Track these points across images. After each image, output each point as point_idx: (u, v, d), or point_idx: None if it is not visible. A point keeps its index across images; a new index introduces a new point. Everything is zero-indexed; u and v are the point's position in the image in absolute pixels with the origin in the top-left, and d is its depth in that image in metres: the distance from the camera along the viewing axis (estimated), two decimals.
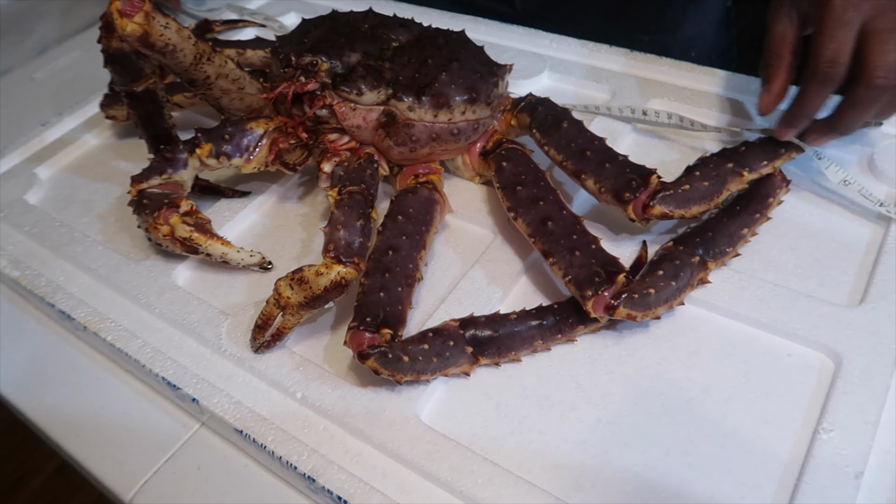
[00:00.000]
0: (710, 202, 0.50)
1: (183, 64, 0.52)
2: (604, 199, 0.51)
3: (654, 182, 0.49)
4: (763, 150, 0.53)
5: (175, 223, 0.52)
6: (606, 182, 0.50)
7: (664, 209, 0.48)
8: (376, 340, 0.43)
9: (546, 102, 0.57)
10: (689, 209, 0.49)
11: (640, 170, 0.50)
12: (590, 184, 0.51)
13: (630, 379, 0.45)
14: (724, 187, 0.50)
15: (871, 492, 0.39)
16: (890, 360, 0.43)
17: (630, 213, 0.49)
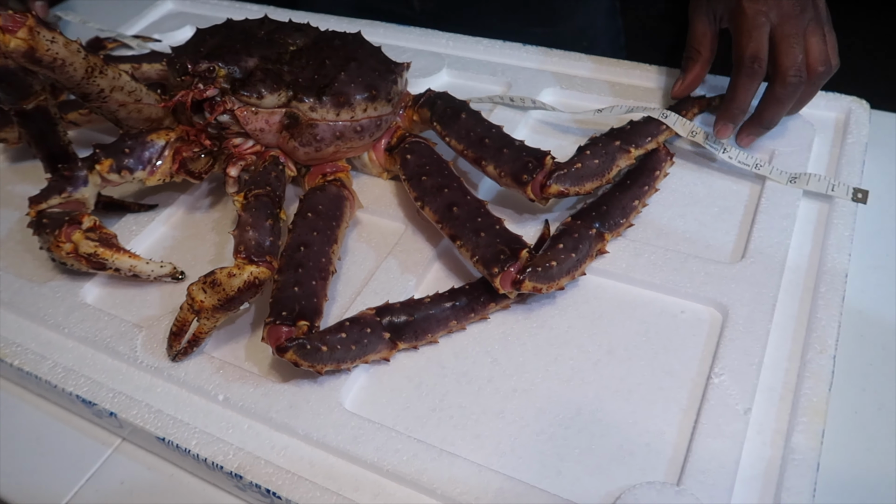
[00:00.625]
0: (601, 178, 0.53)
1: (74, 78, 0.52)
2: (504, 182, 0.53)
3: (548, 163, 0.52)
4: (646, 127, 0.57)
5: (78, 240, 0.52)
6: (505, 166, 0.53)
7: (560, 187, 0.51)
8: (293, 333, 0.44)
9: (444, 96, 0.59)
10: (582, 186, 0.52)
11: (535, 153, 0.53)
12: (490, 169, 0.54)
13: (541, 348, 0.48)
14: (613, 164, 0.54)
15: (759, 425, 0.42)
16: (769, 307, 0.47)
17: (529, 193, 0.52)
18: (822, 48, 0.54)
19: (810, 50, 0.54)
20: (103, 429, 0.49)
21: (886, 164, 0.60)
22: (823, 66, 0.54)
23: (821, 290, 0.48)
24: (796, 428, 0.41)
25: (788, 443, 0.41)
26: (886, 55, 0.78)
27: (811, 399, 0.43)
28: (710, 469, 0.40)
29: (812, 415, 0.42)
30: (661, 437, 0.43)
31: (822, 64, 0.54)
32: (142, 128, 0.58)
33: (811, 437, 0.41)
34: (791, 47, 0.54)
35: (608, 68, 0.69)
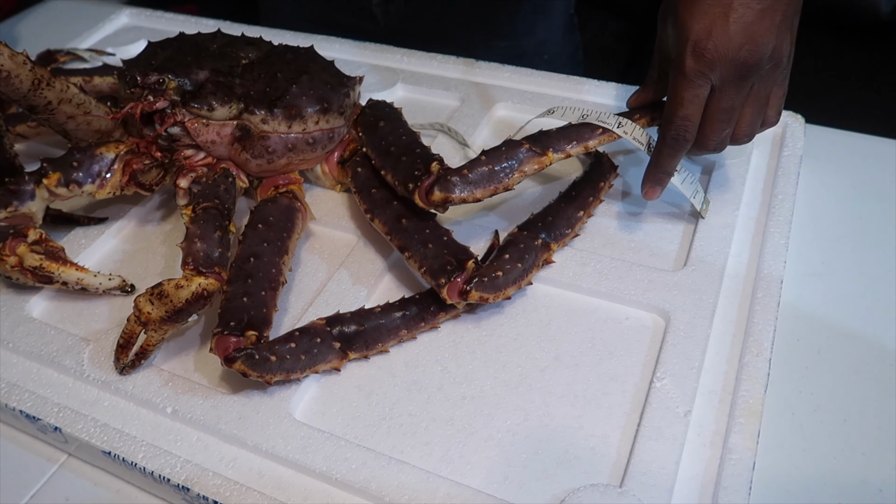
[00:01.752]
0: (496, 185, 0.50)
1: (20, 90, 0.51)
2: (399, 191, 0.52)
3: (434, 169, 0.50)
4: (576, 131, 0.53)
5: (23, 253, 0.51)
6: (399, 175, 0.52)
7: (444, 194, 0.49)
8: (242, 343, 0.44)
9: (377, 105, 0.59)
10: (472, 192, 0.49)
11: (427, 159, 0.51)
12: (389, 178, 0.53)
13: (490, 356, 0.49)
14: (515, 170, 0.50)
15: (699, 426, 0.44)
16: (709, 313, 0.49)
17: (417, 200, 0.50)
18: (751, 121, 0.51)
19: (741, 120, 0.51)
20: (48, 445, 0.48)
21: (820, 175, 0.63)
22: (746, 139, 0.52)
23: (758, 296, 0.50)
24: (733, 429, 0.43)
25: (726, 443, 0.42)
26: (819, 72, 0.82)
27: (748, 401, 0.44)
28: (651, 470, 0.41)
29: (748, 416, 0.43)
30: (606, 441, 0.44)
31: (745, 136, 0.52)
32: (91, 140, 0.58)
33: (747, 438, 0.42)
34: (720, 122, 0.50)
35: (559, 83, 0.71)
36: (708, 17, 0.47)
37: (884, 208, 0.60)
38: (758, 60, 0.47)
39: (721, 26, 0.46)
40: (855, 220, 0.59)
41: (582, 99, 0.69)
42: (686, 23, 0.48)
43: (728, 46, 0.47)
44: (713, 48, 0.47)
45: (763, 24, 0.47)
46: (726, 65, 0.47)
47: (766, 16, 0.47)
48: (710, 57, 0.47)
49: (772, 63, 0.48)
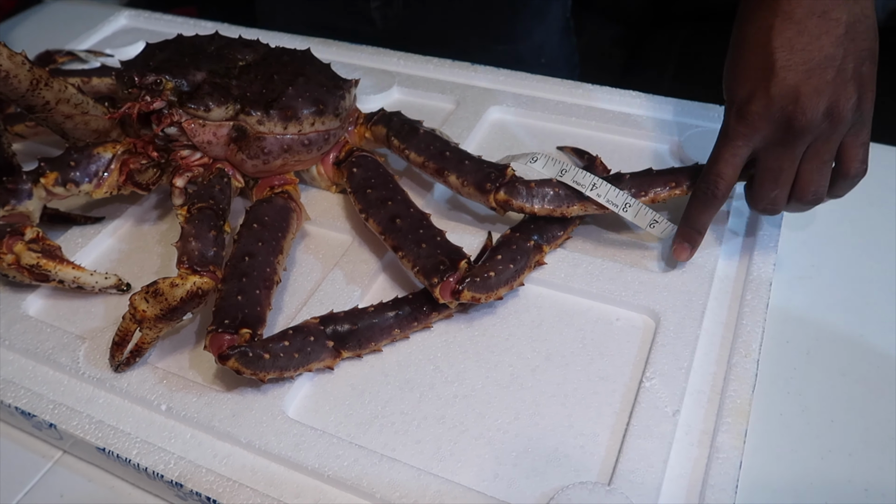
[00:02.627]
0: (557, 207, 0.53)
1: (18, 90, 0.52)
2: (466, 191, 0.55)
3: (510, 173, 0.54)
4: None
5: (20, 251, 0.51)
6: (468, 176, 0.54)
7: (509, 197, 0.53)
8: (236, 341, 0.45)
9: (398, 114, 0.61)
10: (533, 206, 0.53)
11: (496, 165, 0.55)
12: (452, 179, 0.55)
13: (482, 356, 0.49)
14: (574, 202, 0.53)
15: (687, 426, 0.44)
16: (698, 314, 0.50)
17: (491, 201, 0.53)
18: (813, 178, 0.47)
19: (800, 179, 0.48)
20: (43, 441, 0.49)
21: None
22: (813, 197, 0.48)
23: (747, 298, 0.50)
24: (721, 428, 0.43)
25: (714, 442, 0.43)
26: None
27: (735, 401, 0.45)
28: (639, 469, 0.42)
29: (736, 415, 0.44)
30: (595, 440, 0.44)
31: (812, 195, 0.48)
32: (89, 140, 0.59)
33: (735, 437, 0.43)
34: (767, 182, 0.48)
35: (554, 87, 0.72)
36: (751, 81, 0.46)
37: (873, 213, 0.61)
38: (807, 123, 0.45)
39: (763, 90, 0.45)
40: (844, 224, 0.60)
41: (576, 103, 0.70)
42: (730, 85, 0.48)
43: (770, 109, 0.45)
44: (755, 112, 0.46)
45: (810, 83, 0.44)
46: (770, 127, 0.46)
47: (815, 75, 0.44)
48: (752, 120, 0.46)
49: (829, 120, 0.45)
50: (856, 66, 0.45)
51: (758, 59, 0.46)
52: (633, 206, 0.52)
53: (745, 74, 0.47)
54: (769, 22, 0.45)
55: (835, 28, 0.44)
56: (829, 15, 0.44)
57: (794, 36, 0.45)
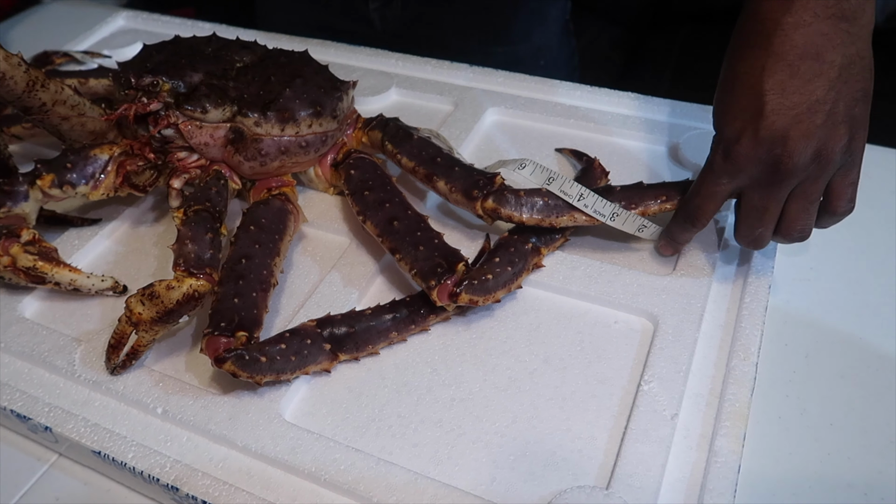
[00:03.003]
0: (545, 217, 0.52)
1: (14, 91, 0.52)
2: (454, 198, 0.55)
3: (499, 181, 0.53)
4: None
5: (16, 253, 0.51)
6: (457, 183, 0.54)
7: (497, 206, 0.52)
8: (232, 344, 0.44)
9: (396, 120, 0.60)
10: (521, 215, 0.52)
11: (486, 173, 0.54)
12: (441, 185, 0.55)
13: (479, 359, 0.49)
14: (563, 213, 0.52)
15: (686, 429, 0.44)
16: (697, 317, 0.49)
17: (477, 209, 0.53)
18: (798, 217, 0.47)
19: (785, 218, 0.48)
20: (39, 444, 0.48)
21: None
22: (799, 235, 0.48)
23: (745, 301, 0.50)
24: (720, 432, 0.43)
25: (712, 446, 0.43)
26: None
27: (734, 404, 0.44)
28: (637, 473, 0.42)
29: (734, 419, 0.44)
30: (593, 443, 0.44)
31: (798, 233, 0.48)
32: (85, 142, 0.58)
33: (733, 441, 0.43)
34: (751, 220, 0.48)
35: (553, 89, 0.72)
36: (740, 121, 0.45)
37: (873, 215, 0.61)
38: (794, 166, 0.44)
39: (751, 132, 0.44)
40: (843, 227, 0.59)
41: (575, 105, 0.69)
42: (719, 121, 0.47)
43: (757, 151, 0.45)
44: (742, 153, 0.45)
45: (800, 128, 0.43)
46: (756, 168, 0.45)
47: (805, 119, 0.43)
48: (739, 160, 0.45)
49: (817, 162, 0.44)
50: (847, 108, 0.44)
51: (748, 100, 0.45)
52: (622, 216, 0.52)
53: (734, 113, 0.45)
54: (762, 62, 0.44)
55: (828, 70, 0.43)
56: (823, 57, 0.43)
57: (786, 78, 0.43)
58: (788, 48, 0.43)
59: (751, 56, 0.45)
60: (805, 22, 0.43)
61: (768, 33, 0.44)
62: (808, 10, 0.43)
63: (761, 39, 0.44)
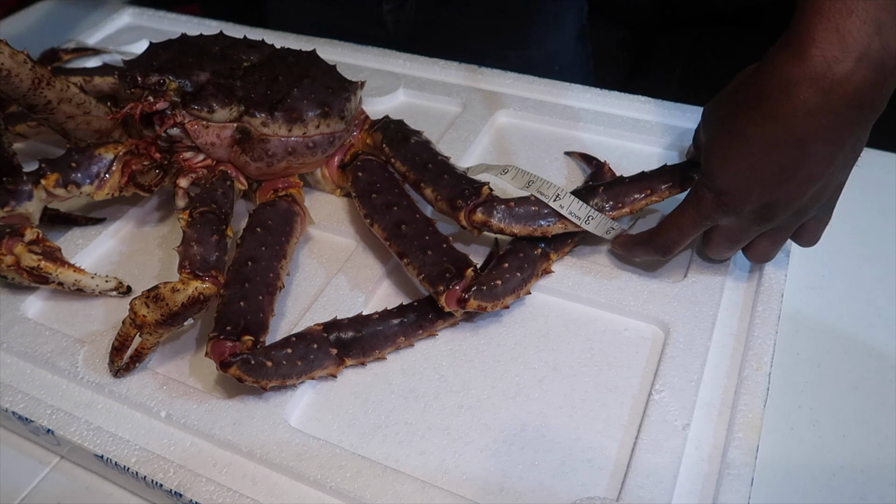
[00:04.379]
0: (531, 226, 0.51)
1: (20, 89, 0.51)
2: (439, 206, 0.53)
3: (485, 192, 0.51)
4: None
5: (20, 252, 0.51)
6: (443, 191, 0.53)
7: (487, 218, 0.50)
8: (238, 348, 0.44)
9: (399, 123, 0.60)
10: (511, 227, 0.50)
11: (474, 182, 0.53)
12: (428, 192, 0.54)
13: (488, 365, 0.49)
14: (558, 219, 0.51)
15: (698, 440, 0.43)
16: (709, 325, 0.49)
17: (461, 219, 0.51)
18: (766, 251, 0.50)
19: (754, 247, 0.50)
20: (41, 447, 0.48)
21: None
22: (764, 260, 0.51)
23: (758, 310, 0.49)
24: (732, 443, 0.42)
25: (724, 458, 0.42)
26: None
27: (747, 415, 0.44)
28: (648, 484, 0.41)
29: (747, 430, 0.43)
30: (603, 453, 0.43)
31: (763, 258, 0.51)
32: (90, 140, 0.58)
33: (746, 453, 0.42)
34: (722, 246, 0.49)
35: (562, 91, 0.71)
36: (738, 179, 0.44)
37: (885, 222, 0.60)
38: (776, 220, 0.46)
39: (746, 193, 0.44)
40: (856, 234, 0.59)
41: (584, 108, 0.69)
42: (714, 171, 0.45)
43: (746, 202, 0.45)
44: (733, 206, 0.45)
45: (791, 196, 0.44)
46: (739, 214, 0.46)
47: (798, 191, 0.43)
48: (727, 210, 0.46)
49: (796, 215, 0.46)
50: (840, 179, 0.45)
51: (750, 164, 0.43)
52: (596, 219, 0.51)
53: (734, 170, 0.44)
54: (776, 137, 0.41)
55: (836, 154, 0.42)
56: (837, 143, 0.41)
57: (795, 158, 0.42)
58: (811, 131, 0.40)
59: (764, 127, 0.42)
60: (832, 109, 0.39)
61: (791, 111, 0.40)
62: (837, 96, 0.39)
63: (781, 112, 0.40)
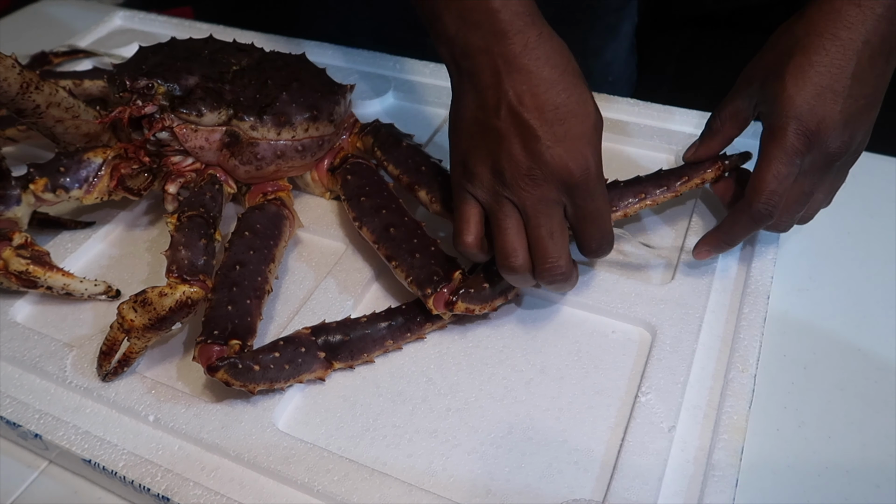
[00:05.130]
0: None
1: (8, 94, 0.51)
2: (434, 208, 0.54)
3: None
4: None
5: (8, 257, 0.51)
6: (437, 193, 0.54)
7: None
8: (225, 352, 0.44)
9: (389, 126, 0.60)
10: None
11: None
12: (422, 194, 0.54)
13: (475, 368, 0.49)
14: None
15: (683, 442, 0.44)
16: (695, 328, 0.49)
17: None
18: (818, 207, 0.51)
19: (811, 205, 0.50)
20: (29, 451, 0.48)
21: None
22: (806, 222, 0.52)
23: (744, 312, 0.50)
24: (717, 445, 0.43)
25: (710, 460, 0.42)
26: None
27: (732, 417, 0.44)
28: (634, 486, 0.41)
29: (732, 432, 0.43)
30: (590, 455, 0.44)
31: (807, 220, 0.52)
32: (79, 144, 0.58)
33: (731, 454, 0.42)
34: (797, 205, 0.49)
35: None
36: (819, 101, 0.45)
37: (872, 224, 0.60)
38: (847, 152, 0.47)
39: (831, 115, 0.45)
40: (843, 236, 0.59)
41: None
42: (794, 97, 0.45)
43: (831, 135, 0.45)
44: (818, 133, 0.45)
45: (862, 118, 0.46)
46: (821, 152, 0.46)
47: (866, 111, 0.46)
48: (812, 140, 0.45)
49: (853, 157, 0.48)
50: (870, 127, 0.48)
51: (828, 81, 0.45)
52: None
53: (814, 90, 0.45)
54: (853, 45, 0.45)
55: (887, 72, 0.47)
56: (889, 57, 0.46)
57: (865, 69, 0.45)
58: (881, 36, 0.45)
59: (840, 38, 0.45)
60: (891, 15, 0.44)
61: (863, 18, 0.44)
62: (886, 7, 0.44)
63: (855, 21, 0.45)
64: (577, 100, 0.43)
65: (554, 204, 0.44)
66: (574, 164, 0.43)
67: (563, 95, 0.43)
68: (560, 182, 0.44)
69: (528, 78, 0.43)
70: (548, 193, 0.44)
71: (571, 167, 0.43)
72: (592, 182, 0.44)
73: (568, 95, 0.43)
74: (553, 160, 0.43)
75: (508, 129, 0.43)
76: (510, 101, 0.43)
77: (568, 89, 0.43)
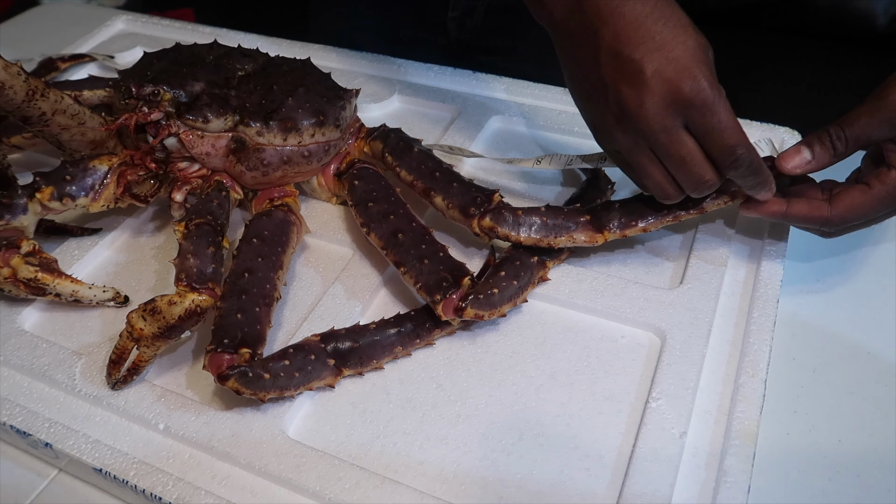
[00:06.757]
0: (544, 237, 0.52)
1: (14, 101, 0.51)
2: (450, 214, 0.54)
3: (496, 199, 0.53)
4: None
5: (17, 264, 0.50)
6: (454, 199, 0.54)
7: (495, 224, 0.51)
8: (235, 361, 0.44)
9: (398, 131, 0.60)
10: (518, 234, 0.51)
11: (484, 189, 0.54)
12: (438, 200, 0.54)
13: (485, 374, 0.49)
14: (561, 233, 0.52)
15: (695, 448, 0.44)
16: (705, 332, 0.49)
17: (474, 226, 0.52)
18: None
19: None
20: (39, 459, 0.48)
21: None
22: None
23: (754, 316, 0.50)
24: (729, 451, 0.43)
25: (721, 465, 0.42)
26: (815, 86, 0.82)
27: (743, 422, 0.44)
28: (646, 493, 0.41)
29: (744, 437, 0.43)
30: (600, 462, 0.44)
31: None
32: (85, 151, 0.58)
33: (743, 460, 0.42)
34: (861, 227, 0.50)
35: (555, 96, 0.71)
36: None
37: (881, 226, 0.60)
38: None
39: None
40: (852, 238, 0.59)
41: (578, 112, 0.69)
42: None
43: None
44: None
45: None
46: None
47: None
48: None
49: None
50: None
51: None
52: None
53: None
54: None
55: None
56: None
57: None
58: None
59: None
60: None
61: None
62: None
63: None
64: (674, 24, 0.44)
65: (677, 129, 0.45)
66: (683, 84, 0.43)
67: (658, 24, 0.44)
68: (674, 105, 0.44)
69: (619, 19, 0.44)
70: (666, 122, 0.44)
71: (681, 86, 0.43)
72: (707, 97, 0.43)
73: (664, 23, 0.44)
74: (661, 86, 0.43)
75: (613, 75, 0.44)
76: (609, 44, 0.44)
77: (663, 18, 0.44)
